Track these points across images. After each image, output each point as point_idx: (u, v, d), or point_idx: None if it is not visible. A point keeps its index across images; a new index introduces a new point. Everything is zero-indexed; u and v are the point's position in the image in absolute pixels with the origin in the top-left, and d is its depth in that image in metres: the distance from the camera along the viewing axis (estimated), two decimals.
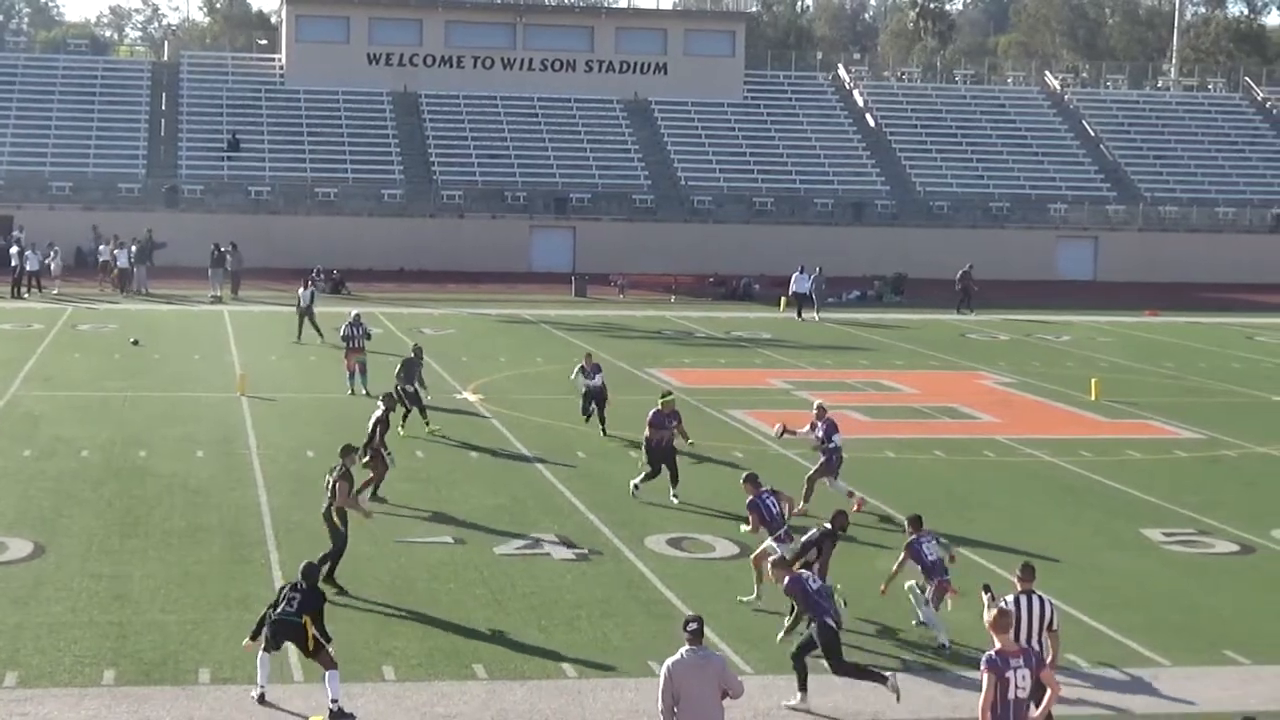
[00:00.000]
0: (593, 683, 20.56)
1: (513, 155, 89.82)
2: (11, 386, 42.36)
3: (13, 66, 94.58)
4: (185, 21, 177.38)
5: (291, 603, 19.91)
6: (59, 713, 19.04)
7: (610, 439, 37.13)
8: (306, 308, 53.15)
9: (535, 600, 23.94)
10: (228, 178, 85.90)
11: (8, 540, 26.42)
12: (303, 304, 53.31)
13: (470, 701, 19.81)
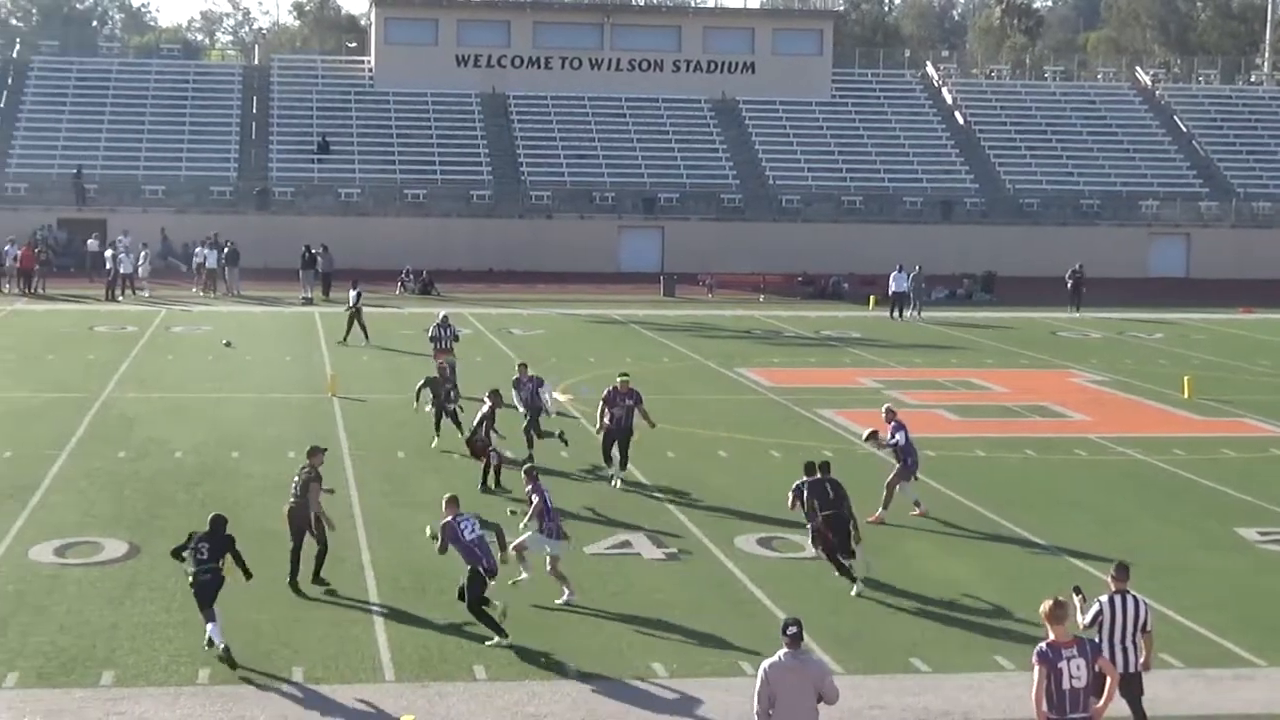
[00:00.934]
0: (683, 682, 20.53)
1: (601, 155, 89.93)
2: (106, 388, 42.77)
3: (106, 71, 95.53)
4: (275, 25, 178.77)
5: (201, 551, 21.32)
6: (154, 711, 19.20)
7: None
8: (355, 308, 53.40)
9: (625, 599, 23.95)
10: (318, 180, 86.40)
11: (103, 540, 26.67)
12: (351, 305, 53.57)
13: (561, 701, 19.84)
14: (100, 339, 54.17)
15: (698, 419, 40.05)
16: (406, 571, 25.15)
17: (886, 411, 30.75)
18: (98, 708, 19.25)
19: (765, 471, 34.03)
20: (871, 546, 27.38)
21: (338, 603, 23.44)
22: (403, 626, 22.41)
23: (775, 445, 36.83)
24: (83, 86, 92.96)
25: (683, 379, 47.65)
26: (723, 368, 49.88)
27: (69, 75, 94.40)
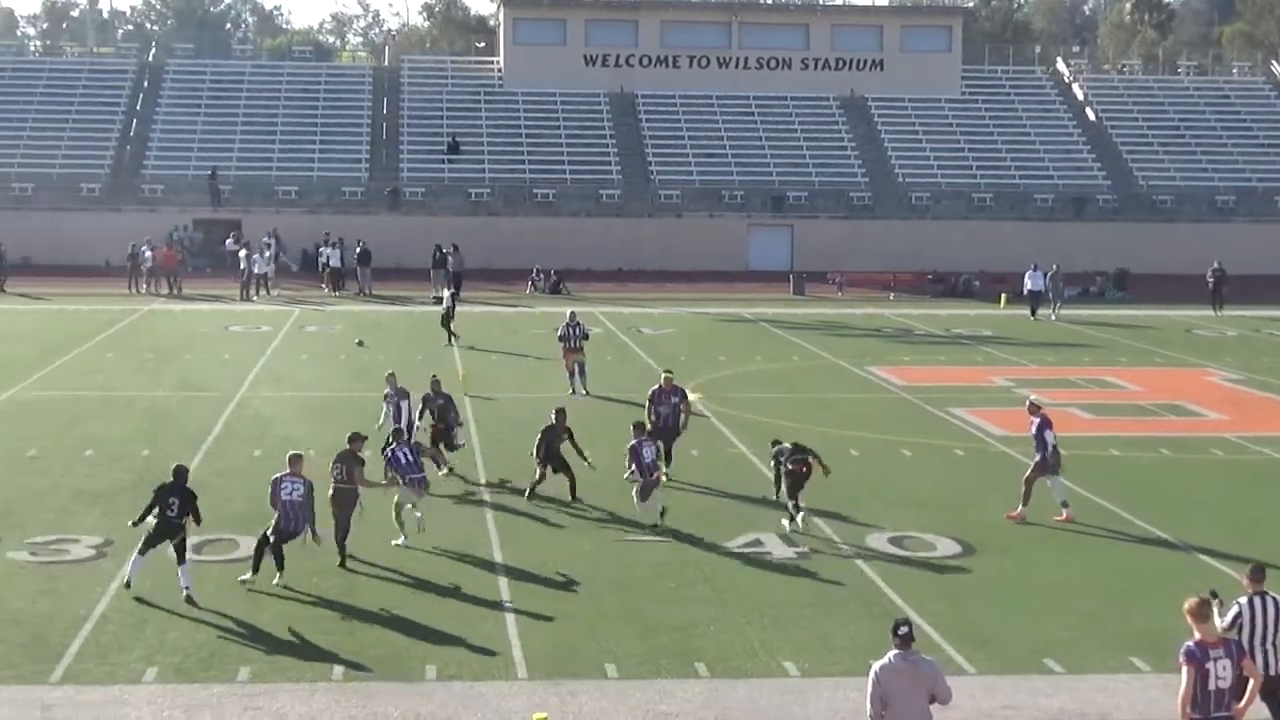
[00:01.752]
0: (814, 682, 20.50)
1: (729, 154, 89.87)
2: (241, 388, 43.25)
3: (239, 73, 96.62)
4: (405, 26, 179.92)
5: (172, 507, 23.55)
6: (290, 707, 19.40)
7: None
8: (448, 309, 53.66)
9: (757, 598, 23.92)
10: (448, 180, 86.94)
11: (239, 538, 26.89)
12: (445, 307, 53.83)
13: (692, 699, 19.84)
14: (235, 338, 54.81)
15: (828, 418, 39.93)
16: (539, 570, 25.24)
17: (1029, 405, 30.50)
18: (235, 703, 19.47)
19: (897, 470, 33.92)
20: (1004, 544, 27.30)
21: (470, 600, 23.57)
22: (534, 624, 22.49)
23: (907, 444, 36.65)
24: (217, 89, 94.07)
25: (813, 378, 47.54)
26: (853, 366, 49.72)
27: (203, 78, 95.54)
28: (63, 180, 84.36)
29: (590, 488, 31.15)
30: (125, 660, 20.83)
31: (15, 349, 50.47)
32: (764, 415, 40.10)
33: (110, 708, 19.23)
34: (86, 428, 36.92)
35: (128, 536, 26.62)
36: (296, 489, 24.73)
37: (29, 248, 75.41)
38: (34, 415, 38.62)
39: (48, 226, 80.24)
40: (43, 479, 31.44)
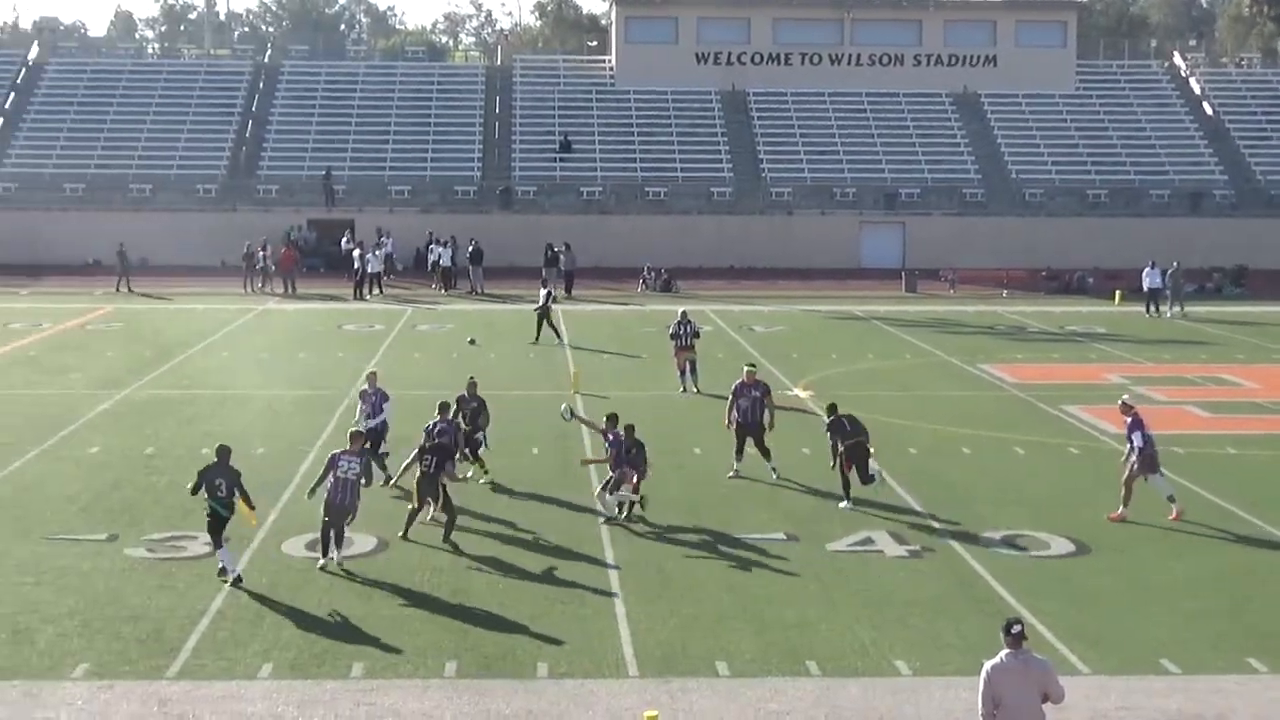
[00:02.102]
0: (926, 681, 20.42)
1: (841, 151, 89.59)
2: (355, 386, 43.54)
3: (354, 74, 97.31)
4: (517, 26, 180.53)
5: (220, 488, 24.52)
6: (402, 703, 19.53)
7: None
8: (544, 307, 53.74)
9: (868, 597, 23.86)
10: (560, 179, 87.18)
11: (353, 535, 27.11)
12: (540, 305, 53.92)
13: (803, 698, 19.82)
14: (349, 337, 55.23)
15: (940, 415, 39.77)
16: (649, 567, 25.29)
17: (1121, 405, 30.23)
18: (348, 699, 19.63)
19: (1009, 468, 33.72)
20: (1118, 543, 27.09)
21: (581, 598, 23.65)
22: (645, 622, 22.53)
23: (1019, 442, 36.43)
24: (331, 90, 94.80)
25: (925, 375, 47.34)
26: (965, 364, 49.46)
27: (318, 79, 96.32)
28: (180, 181, 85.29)
29: (699, 486, 31.22)
30: (241, 656, 21.06)
31: (134, 348, 51.10)
32: (876, 413, 39.89)
33: (226, 703, 19.45)
34: (203, 426, 37.32)
35: (243, 533, 26.96)
36: (352, 467, 25.65)
37: (147, 248, 76.21)
38: (151, 414, 39.07)
39: (165, 227, 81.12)
40: (160, 477, 31.81)
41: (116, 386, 43.13)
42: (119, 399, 41.32)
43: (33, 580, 24.41)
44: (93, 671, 20.45)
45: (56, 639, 21.66)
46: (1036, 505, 30.00)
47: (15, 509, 28.98)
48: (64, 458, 33.73)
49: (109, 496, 29.86)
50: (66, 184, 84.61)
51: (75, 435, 36.36)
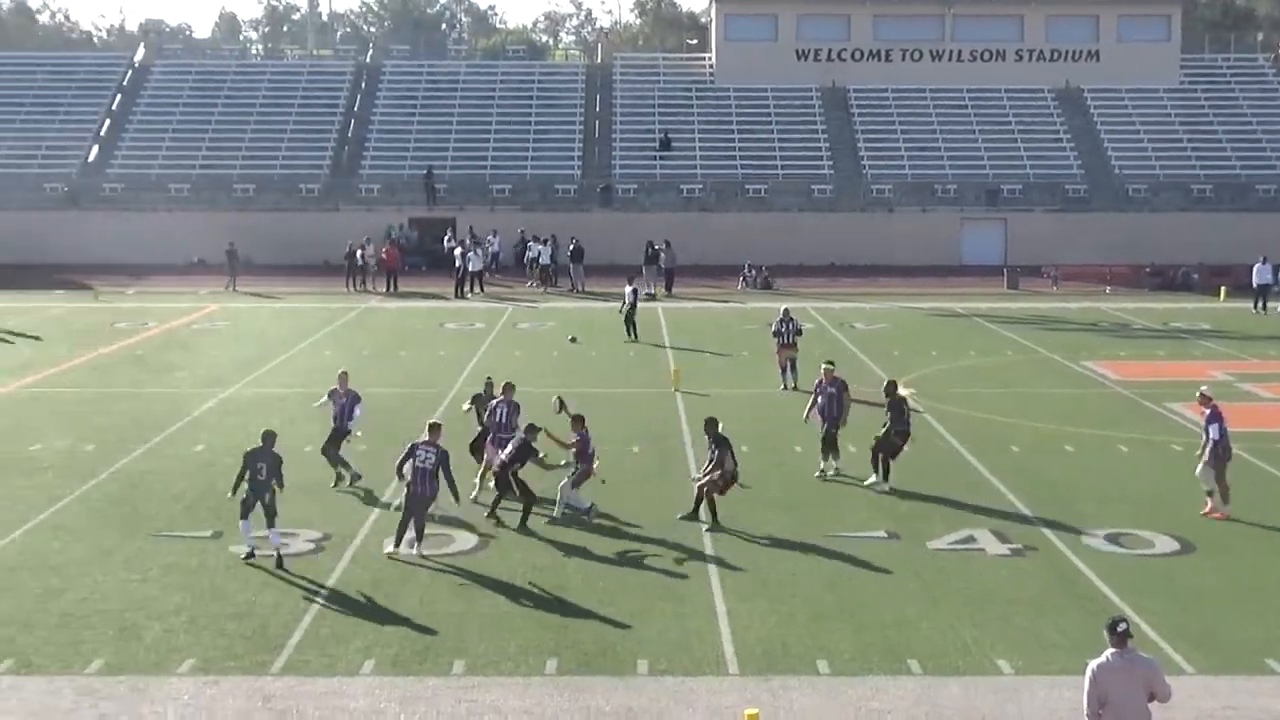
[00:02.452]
0: (1029, 680, 20.30)
1: (942, 148, 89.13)
2: (456, 384, 43.77)
3: (455, 74, 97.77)
4: (617, 24, 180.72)
5: (260, 471, 25.63)
6: (503, 700, 19.60)
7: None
8: (631, 305, 53.69)
9: (969, 595, 23.75)
10: (660, 177, 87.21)
11: (453, 533, 27.31)
12: (627, 303, 53.88)
13: (904, 697, 19.75)
14: (450, 335, 55.48)
15: (1042, 413, 39.52)
16: (750, 566, 25.28)
17: (1200, 397, 29.90)
18: (449, 695, 19.73)
19: (1112, 466, 33.47)
20: (1223, 542, 26.86)
21: (682, 596, 23.66)
22: (746, 620, 22.52)
23: (1123, 440, 36.15)
24: (432, 89, 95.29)
25: (1027, 372, 47.04)
26: (1068, 361, 49.11)
27: (419, 78, 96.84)
28: (283, 181, 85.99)
29: (800, 484, 31.20)
30: (344, 652, 21.21)
31: (239, 347, 51.57)
32: (977, 410, 39.78)
33: (329, 698, 19.59)
34: (306, 424, 37.54)
35: (346, 529, 27.21)
36: (429, 457, 26.05)
37: (250, 248, 76.76)
38: (255, 412, 39.39)
39: (268, 227, 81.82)
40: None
41: (221, 385, 43.53)
42: (223, 397, 41.70)
43: (139, 577, 24.69)
44: (198, 667, 20.66)
45: (163, 635, 21.90)
46: (1140, 503, 29.76)
47: (122, 506, 29.31)
48: (169, 456, 34.08)
49: (213, 494, 30.11)
50: (171, 184, 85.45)
51: (180, 433, 36.73)
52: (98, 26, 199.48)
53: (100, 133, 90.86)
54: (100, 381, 44.57)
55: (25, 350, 51.17)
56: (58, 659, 20.94)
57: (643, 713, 19.19)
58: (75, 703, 19.43)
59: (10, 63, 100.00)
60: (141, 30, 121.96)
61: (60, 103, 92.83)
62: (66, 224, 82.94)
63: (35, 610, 22.96)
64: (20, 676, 20.31)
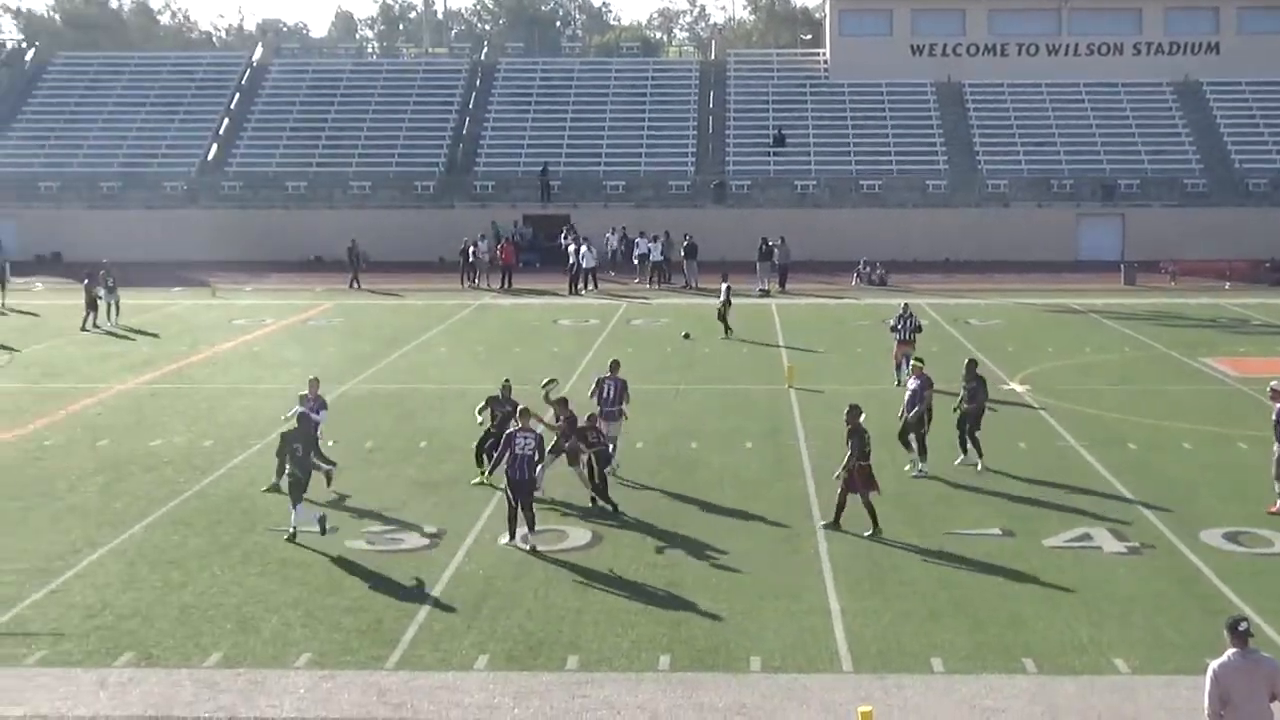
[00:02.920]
0: (1146, 680, 20.10)
1: (1058, 142, 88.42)
2: (570, 380, 43.89)
3: (569, 71, 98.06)
4: (731, 20, 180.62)
5: (298, 450, 26.91)
6: (616, 696, 19.64)
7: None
8: (726, 302, 53.56)
9: (1086, 594, 23.55)
10: (774, 173, 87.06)
11: (568, 528, 27.41)
12: (723, 299, 53.76)
13: (1019, 695, 19.61)
14: (564, 332, 55.62)
15: (1160, 410, 39.13)
16: (863, 563, 25.20)
17: (1271, 391, 29.50)
18: (563, 691, 19.79)
19: (1232, 464, 33.08)
20: None
21: (795, 593, 23.61)
22: (859, 617, 22.45)
23: (1242, 437, 35.72)
24: (547, 86, 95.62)
25: (1144, 369, 46.59)
26: (1186, 357, 48.60)
27: (534, 75, 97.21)
28: (398, 179, 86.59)
29: (915, 481, 31.06)
30: (458, 647, 21.32)
31: (355, 344, 51.95)
32: (1093, 408, 39.45)
33: (443, 693, 19.70)
34: (421, 420, 37.84)
35: (461, 525, 27.33)
36: (528, 443, 26.47)
37: (366, 245, 77.26)
38: (370, 408, 39.70)
39: (383, 224, 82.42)
40: (380, 470, 32.32)
41: (337, 381, 43.85)
42: (339, 393, 41.99)
43: (258, 571, 24.95)
44: (315, 661, 20.84)
45: (280, 628, 22.11)
46: (1259, 501, 29.36)
47: (241, 501, 29.62)
48: None
49: (330, 489, 30.37)
50: (288, 182, 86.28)
51: None
52: (216, 26, 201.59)
53: (219, 131, 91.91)
54: (218, 378, 45.05)
55: (145, 347, 51.79)
56: (177, 651, 21.19)
57: (755, 710, 19.17)
58: (195, 695, 19.65)
59: (132, 63, 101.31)
60: (259, 30, 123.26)
61: (180, 102, 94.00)
62: (185, 222, 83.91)
63: (156, 603, 23.25)
64: (141, 669, 20.56)
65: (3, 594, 23.68)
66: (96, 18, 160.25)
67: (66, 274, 74.65)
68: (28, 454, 34.37)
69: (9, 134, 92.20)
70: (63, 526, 27.83)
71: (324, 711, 19.16)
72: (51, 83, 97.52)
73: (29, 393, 42.76)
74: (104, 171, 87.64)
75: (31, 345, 52.14)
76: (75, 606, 23.11)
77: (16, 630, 22.04)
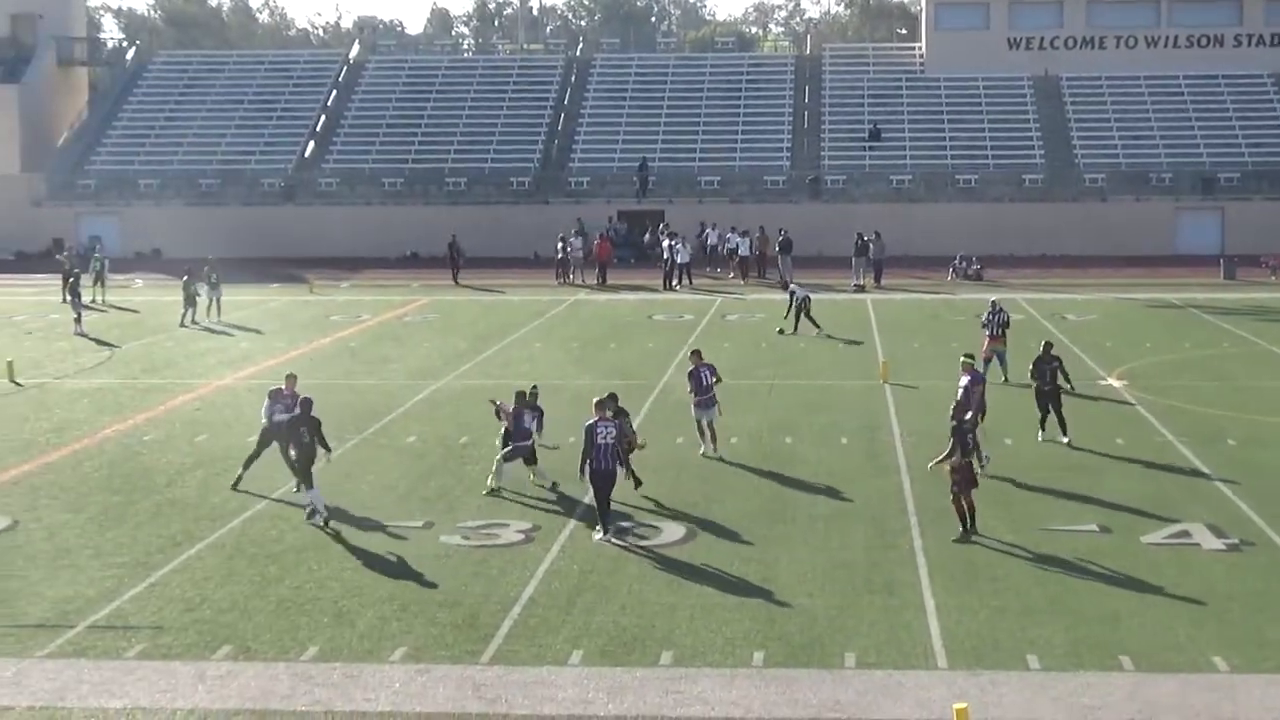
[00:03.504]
0: (1245, 678, 19.88)
1: (1157, 135, 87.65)
2: (665, 375, 43.90)
3: (664, 66, 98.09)
4: (826, 15, 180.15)
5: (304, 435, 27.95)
6: (710, 692, 19.60)
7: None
8: (804, 298, 53.24)
9: (1184, 591, 23.32)
10: (869, 168, 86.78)
11: (662, 524, 27.42)
12: (797, 297, 53.46)
13: (1116, 693, 19.44)
14: (659, 327, 55.64)
15: (1261, 406, 38.72)
16: (959, 559, 25.06)
17: None
18: (657, 686, 19.77)
19: None
20: None
21: (890, 589, 23.52)
22: (955, 613, 22.31)
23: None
24: (641, 82, 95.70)
25: (1244, 365, 46.09)
26: None
27: (628, 71, 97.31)
28: (494, 175, 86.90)
29: (1010, 476, 30.89)
30: (552, 642, 21.35)
31: (449, 340, 52.18)
32: (1192, 403, 39.09)
33: (537, 688, 19.72)
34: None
35: (555, 520, 27.38)
36: (610, 432, 26.78)
37: (461, 241, 77.71)
38: (466, 403, 39.82)
39: (479, 220, 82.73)
40: (474, 466, 32.39)
41: (433, 377, 44.08)
42: (435, 389, 42.20)
43: (354, 565, 25.09)
44: (410, 655, 20.92)
45: (376, 623, 22.21)
46: None
47: (337, 496, 29.74)
48: (383, 446, 34.60)
49: (425, 484, 30.55)
50: (385, 179, 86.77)
51: (393, 424, 37.26)
52: (314, 24, 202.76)
53: (315, 129, 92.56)
54: (315, 373, 45.30)
55: (243, 343, 52.21)
56: (275, 645, 21.33)
57: (850, 706, 19.09)
58: (291, 688, 19.77)
59: (231, 62, 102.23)
60: (356, 27, 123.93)
61: (277, 100, 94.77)
62: (282, 219, 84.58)
63: (253, 597, 23.43)
64: (239, 662, 20.72)
65: (103, 587, 23.94)
66: (196, 16, 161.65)
67: (166, 271, 75.31)
68: (128, 449, 34.75)
69: (110, 132, 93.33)
70: (162, 520, 28.12)
71: (419, 705, 19.22)
72: (152, 81, 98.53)
73: (129, 388, 43.23)
74: (203, 169, 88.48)
75: (131, 342, 52.69)
76: (174, 600, 23.33)
77: (116, 623, 22.26)
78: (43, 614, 22.74)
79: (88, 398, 41.16)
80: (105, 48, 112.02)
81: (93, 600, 23.33)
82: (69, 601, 23.28)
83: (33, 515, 28.59)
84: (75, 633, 21.88)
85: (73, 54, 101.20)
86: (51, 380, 44.29)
